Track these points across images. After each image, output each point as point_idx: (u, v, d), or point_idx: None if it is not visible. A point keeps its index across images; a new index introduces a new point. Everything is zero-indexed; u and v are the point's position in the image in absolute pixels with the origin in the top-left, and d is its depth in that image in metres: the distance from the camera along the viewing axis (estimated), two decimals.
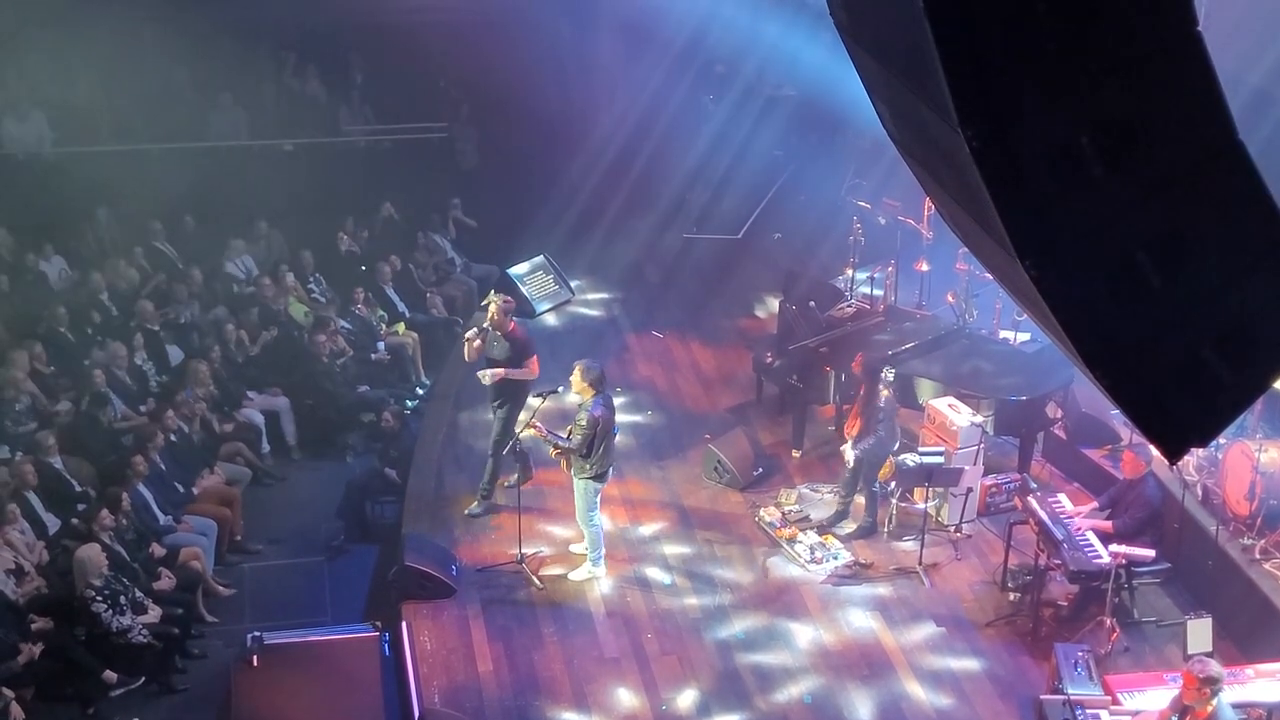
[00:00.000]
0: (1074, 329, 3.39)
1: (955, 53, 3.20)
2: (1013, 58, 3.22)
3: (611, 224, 20.27)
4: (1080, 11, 3.19)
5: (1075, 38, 3.21)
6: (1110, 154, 3.25)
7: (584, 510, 13.11)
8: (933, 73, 3.27)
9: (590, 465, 12.85)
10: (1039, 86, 3.24)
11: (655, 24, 20.86)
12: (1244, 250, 3.35)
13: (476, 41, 20.59)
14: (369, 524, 14.68)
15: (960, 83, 3.22)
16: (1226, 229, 3.33)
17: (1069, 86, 3.23)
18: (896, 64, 3.82)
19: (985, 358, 15.16)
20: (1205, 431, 3.57)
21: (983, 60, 3.21)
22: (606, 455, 12.93)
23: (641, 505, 14.42)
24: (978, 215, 3.61)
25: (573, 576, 13.29)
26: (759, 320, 18.47)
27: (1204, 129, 3.27)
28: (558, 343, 17.65)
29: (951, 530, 13.81)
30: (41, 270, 17.18)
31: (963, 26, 3.19)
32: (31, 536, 13.01)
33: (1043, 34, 3.19)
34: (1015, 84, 3.23)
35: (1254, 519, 12.40)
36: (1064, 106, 3.23)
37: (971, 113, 3.24)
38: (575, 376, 12.96)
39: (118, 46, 18.54)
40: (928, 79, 3.38)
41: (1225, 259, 3.35)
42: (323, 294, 18.04)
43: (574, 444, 12.73)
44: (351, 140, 21.24)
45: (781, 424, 15.70)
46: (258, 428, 15.90)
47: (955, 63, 3.21)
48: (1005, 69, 3.22)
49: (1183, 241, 3.31)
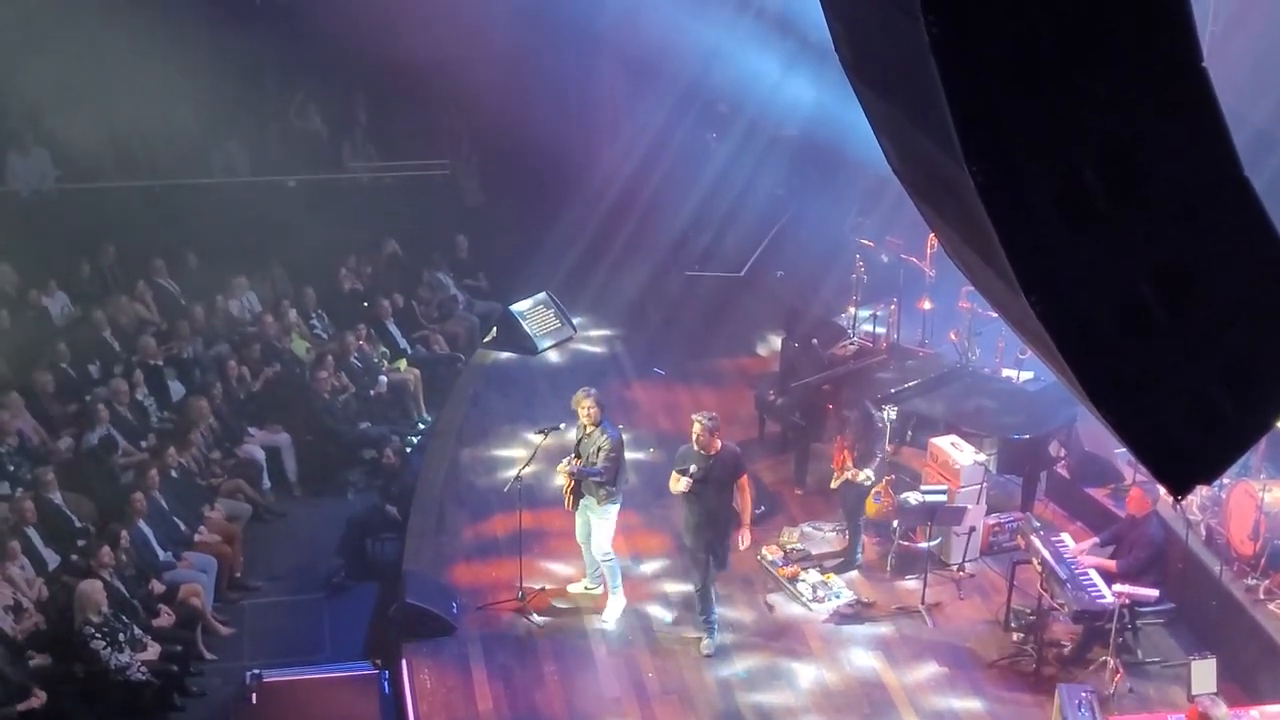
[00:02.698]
0: (1079, 364, 3.37)
1: (961, 88, 3.19)
2: (1018, 93, 3.21)
3: (614, 261, 20.28)
4: (1086, 47, 3.19)
5: (1081, 73, 3.20)
6: (1115, 189, 3.24)
7: (606, 539, 12.99)
8: (938, 108, 3.27)
9: (615, 491, 12.82)
10: (1045, 122, 3.23)
11: (658, 62, 20.91)
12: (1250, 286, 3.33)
13: (480, 79, 20.64)
14: (369, 561, 14.65)
15: (966, 118, 3.21)
16: (1233, 265, 3.31)
17: (1074, 122, 3.22)
18: (902, 100, 3.82)
19: (988, 396, 15.14)
20: (1211, 468, 3.55)
21: (988, 96, 3.20)
22: (621, 476, 12.91)
23: (643, 542, 14.37)
24: (983, 250, 3.60)
25: (605, 617, 13.22)
26: (761, 358, 18.45)
27: (1210, 164, 3.26)
28: (560, 380, 17.64)
29: (954, 569, 13.77)
30: (44, 306, 17.20)
31: (968, 62, 3.18)
32: (31, 572, 12.98)
33: (1048, 69, 3.18)
34: (1021, 119, 3.22)
35: (1258, 559, 12.36)
36: (1069, 142, 3.22)
37: (977, 148, 3.23)
38: (587, 403, 12.87)
39: (121, 83, 18.58)
40: (933, 115, 3.37)
41: (1232, 295, 3.33)
42: (325, 330, 18.06)
43: (608, 473, 12.67)
44: (355, 177, 21.27)
45: (784, 462, 15.67)
46: (259, 464, 15.89)
47: (961, 98, 3.20)
48: (1011, 104, 3.21)
49: (1189, 277, 3.29)
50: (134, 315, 17.51)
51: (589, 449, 12.78)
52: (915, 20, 3.20)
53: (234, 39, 19.62)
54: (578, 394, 13.13)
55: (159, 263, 18.33)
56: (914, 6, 3.19)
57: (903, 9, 3.31)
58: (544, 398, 17.27)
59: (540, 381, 17.85)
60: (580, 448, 12.95)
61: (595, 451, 12.75)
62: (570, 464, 12.84)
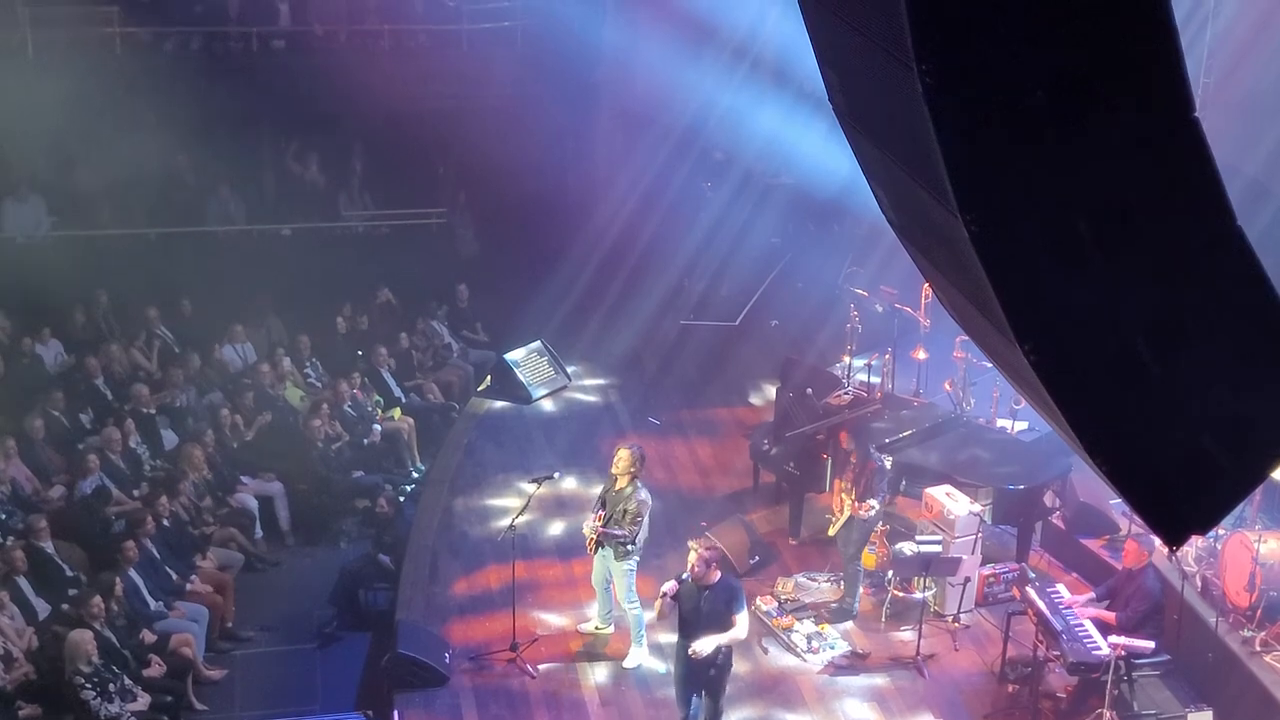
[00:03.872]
0: (1074, 415, 3.36)
1: (954, 137, 3.19)
2: (1011, 143, 3.21)
3: (609, 310, 20.30)
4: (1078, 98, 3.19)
5: (1073, 124, 3.20)
6: (1108, 240, 3.24)
7: (625, 592, 12.98)
8: (931, 157, 3.27)
9: (636, 549, 12.79)
10: (1038, 172, 3.23)
11: (654, 111, 21.02)
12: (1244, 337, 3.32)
13: (475, 128, 20.73)
14: (362, 611, 14.58)
15: (959, 167, 3.21)
16: (1226, 316, 3.31)
17: (1067, 172, 3.22)
18: (896, 149, 3.82)
19: (983, 446, 15.12)
20: (1205, 519, 3.54)
21: (981, 144, 3.20)
22: (642, 534, 12.88)
23: (639, 592, 14.29)
24: (977, 300, 3.60)
25: (626, 664, 13.15)
26: (756, 407, 18.44)
27: (1203, 215, 3.26)
28: (554, 429, 17.64)
29: (949, 620, 13.71)
30: (38, 353, 17.19)
31: (961, 112, 3.18)
32: (21, 622, 12.91)
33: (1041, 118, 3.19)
34: (1014, 168, 3.22)
35: (1254, 611, 12.31)
36: (1063, 192, 3.23)
37: (970, 198, 3.24)
38: (627, 458, 12.81)
39: (118, 131, 18.64)
40: (927, 164, 3.37)
41: (1225, 346, 3.32)
42: (319, 378, 18.05)
43: (634, 535, 12.64)
44: (350, 226, 21.31)
45: (778, 512, 15.63)
46: (251, 512, 15.85)
47: (954, 147, 3.20)
48: (1004, 154, 3.21)
49: (1183, 328, 3.29)
50: (127, 363, 17.50)
51: (615, 504, 12.75)
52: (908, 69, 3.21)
53: (231, 88, 19.72)
54: (620, 446, 13.12)
55: (153, 311, 18.33)
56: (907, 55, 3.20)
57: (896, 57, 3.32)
58: (538, 447, 17.24)
59: (534, 431, 17.81)
60: (606, 498, 12.93)
61: (622, 510, 12.71)
62: (594, 524, 12.80)
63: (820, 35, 4.24)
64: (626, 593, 13.00)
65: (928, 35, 3.15)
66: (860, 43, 3.67)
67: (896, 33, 3.24)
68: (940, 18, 3.13)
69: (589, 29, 20.83)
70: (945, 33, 3.14)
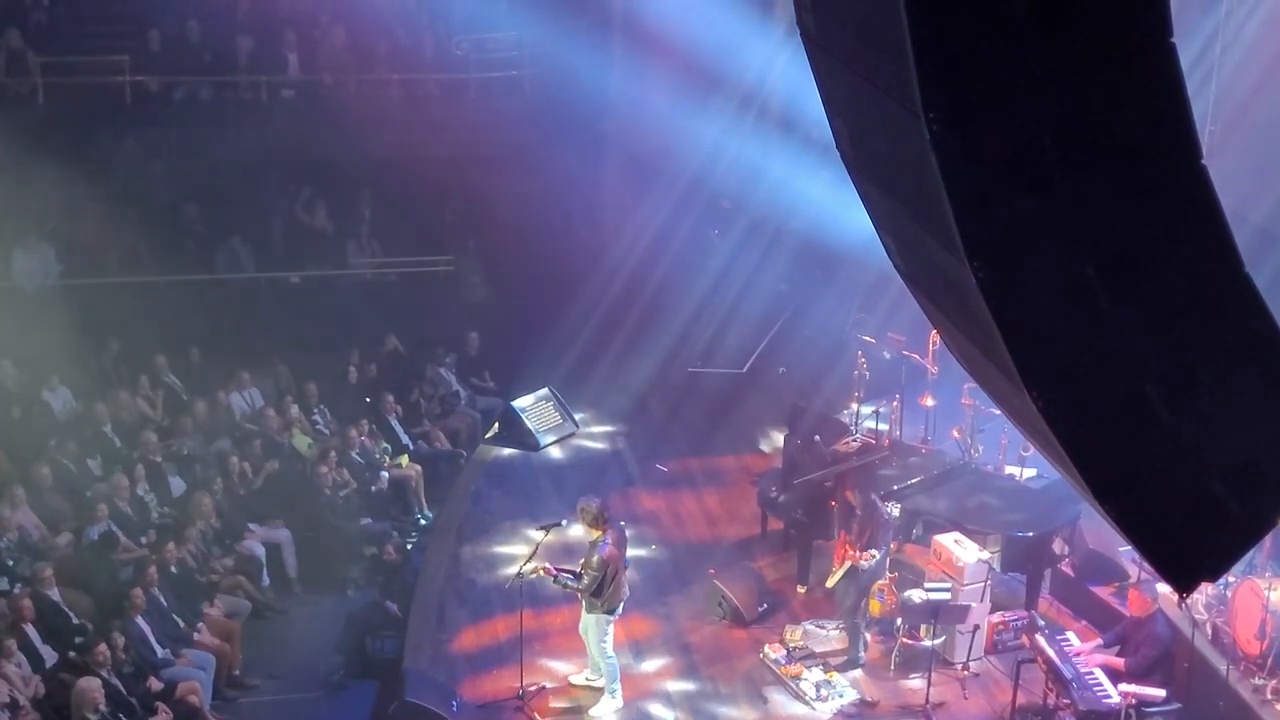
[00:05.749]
0: (1082, 461, 3.36)
1: (962, 185, 3.21)
2: (1019, 190, 3.23)
3: (616, 357, 20.29)
4: (1086, 146, 3.21)
5: (1081, 171, 3.22)
6: (1117, 286, 3.24)
7: (596, 643, 13.00)
8: (939, 204, 3.28)
9: (601, 602, 12.77)
10: (1046, 219, 3.24)
11: (661, 158, 21.08)
12: (1253, 384, 3.33)
13: (484, 177, 20.81)
14: (369, 659, 14.52)
15: (967, 214, 3.22)
16: (1235, 363, 3.31)
17: (1076, 219, 3.23)
18: (903, 196, 3.84)
19: (991, 493, 15.08)
20: (1215, 565, 3.53)
21: (989, 192, 3.21)
22: (617, 590, 12.85)
23: (645, 640, 14.27)
24: (985, 346, 3.60)
25: (592, 713, 13.11)
26: (764, 454, 18.40)
27: (1210, 262, 3.27)
28: (562, 476, 17.61)
29: (959, 668, 13.64)
30: (46, 401, 17.20)
31: (969, 159, 3.20)
32: (28, 670, 12.86)
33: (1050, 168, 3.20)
34: (1022, 216, 3.23)
35: (1265, 659, 12.24)
36: (1071, 238, 3.23)
37: (978, 245, 3.24)
38: (585, 514, 13.01)
39: (126, 179, 18.70)
40: (934, 212, 3.38)
41: (1234, 392, 3.32)
42: (327, 425, 18.04)
43: (584, 585, 12.66)
44: (359, 273, 21.35)
45: (786, 559, 15.59)
46: (259, 560, 15.81)
47: (962, 194, 3.21)
48: (1012, 201, 3.23)
49: (1191, 374, 3.29)
50: (135, 411, 17.50)
51: (589, 553, 12.84)
52: (916, 117, 3.23)
53: (239, 135, 19.80)
54: (580, 502, 13.25)
55: (161, 359, 18.34)
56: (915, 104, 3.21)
57: (904, 106, 3.34)
58: (545, 494, 17.21)
59: (542, 478, 17.79)
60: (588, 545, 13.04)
61: (585, 560, 12.88)
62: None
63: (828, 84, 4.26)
64: (598, 643, 13.04)
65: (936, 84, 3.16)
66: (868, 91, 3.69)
67: (904, 81, 3.26)
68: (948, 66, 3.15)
69: (596, 78, 20.92)
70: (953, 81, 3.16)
